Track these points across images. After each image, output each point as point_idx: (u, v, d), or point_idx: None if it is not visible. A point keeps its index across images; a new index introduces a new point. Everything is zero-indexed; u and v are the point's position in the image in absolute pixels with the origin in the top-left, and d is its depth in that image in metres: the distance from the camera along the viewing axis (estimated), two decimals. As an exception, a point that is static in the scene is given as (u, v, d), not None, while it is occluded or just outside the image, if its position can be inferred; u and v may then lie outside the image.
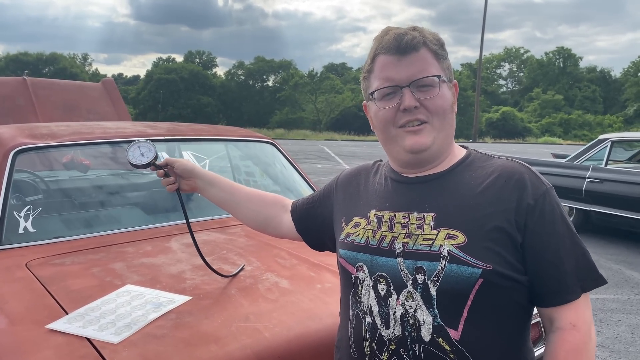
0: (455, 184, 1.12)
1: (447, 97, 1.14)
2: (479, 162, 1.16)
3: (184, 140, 2.97)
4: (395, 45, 1.10)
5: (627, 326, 4.18)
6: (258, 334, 1.48)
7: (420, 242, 1.07)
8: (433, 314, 1.03)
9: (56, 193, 2.88)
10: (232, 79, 67.46)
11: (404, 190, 1.17)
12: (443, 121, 1.13)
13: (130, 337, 1.42)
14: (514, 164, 1.12)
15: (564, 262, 1.05)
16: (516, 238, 1.04)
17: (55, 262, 1.98)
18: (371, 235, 1.14)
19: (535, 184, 1.08)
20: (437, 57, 1.13)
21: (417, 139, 1.11)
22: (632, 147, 8.17)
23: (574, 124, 52.56)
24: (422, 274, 1.04)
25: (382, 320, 1.09)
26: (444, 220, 1.07)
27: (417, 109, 1.10)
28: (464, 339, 1.02)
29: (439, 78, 1.11)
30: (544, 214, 1.05)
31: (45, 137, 2.53)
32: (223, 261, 2.01)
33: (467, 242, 1.03)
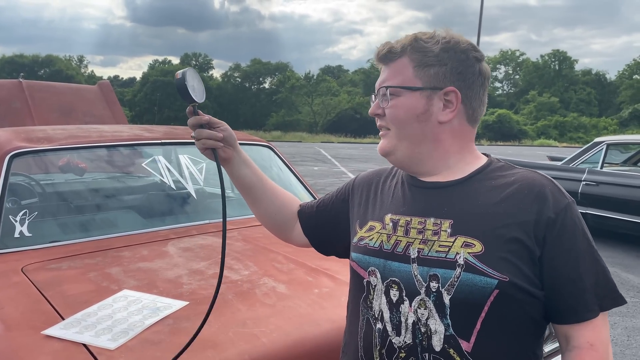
0: (474, 192, 1.10)
1: (406, 107, 1.12)
2: (500, 172, 1.13)
3: (180, 144, 2.96)
4: (377, 55, 1.18)
5: (623, 329, 4.19)
6: (255, 340, 1.47)
7: (436, 249, 1.04)
8: (445, 323, 1.01)
9: (52, 197, 2.87)
10: (228, 81, 67.44)
11: (421, 195, 1.15)
12: (402, 130, 1.14)
13: (127, 342, 1.42)
14: (535, 176, 1.09)
15: (583, 279, 1.02)
16: (534, 251, 1.01)
17: (52, 266, 1.98)
18: (385, 239, 1.13)
19: (557, 197, 1.04)
20: (417, 65, 1.11)
21: (381, 143, 1.19)
22: (628, 149, 8.20)
23: (569, 127, 52.76)
24: (436, 281, 1.02)
25: (394, 327, 1.07)
26: (461, 227, 1.05)
27: (379, 116, 1.17)
28: (475, 351, 0.99)
29: (387, 89, 1.14)
30: (564, 229, 1.02)
31: (42, 140, 2.53)
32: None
33: (484, 252, 1.00)
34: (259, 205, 1.46)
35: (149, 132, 2.95)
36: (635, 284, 5.37)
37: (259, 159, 3.45)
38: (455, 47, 1.11)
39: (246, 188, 1.43)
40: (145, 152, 2.90)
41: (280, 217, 1.46)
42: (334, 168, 17.24)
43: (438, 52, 1.11)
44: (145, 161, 2.83)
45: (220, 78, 69.03)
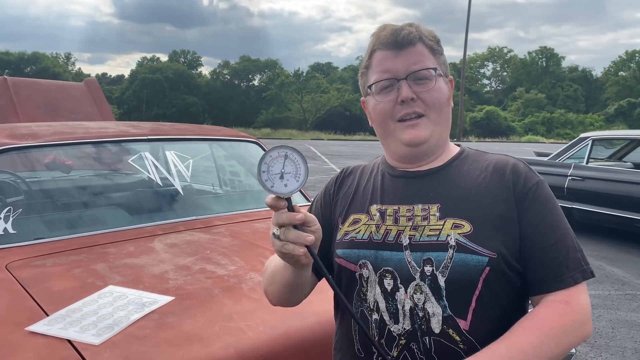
0: (455, 175, 1.14)
1: (444, 90, 1.15)
2: (474, 157, 1.19)
3: (167, 140, 2.95)
4: (392, 40, 1.12)
5: (607, 321, 4.24)
6: (241, 334, 1.48)
7: (427, 234, 1.06)
8: (442, 305, 1.03)
9: (38, 194, 2.85)
10: (217, 78, 67.17)
11: (405, 184, 1.17)
12: (440, 114, 1.14)
13: (112, 338, 1.41)
14: (507, 157, 1.16)
15: (560, 250, 1.05)
16: (515, 225, 1.05)
17: (36, 263, 1.96)
18: (374, 230, 1.13)
19: (529, 175, 1.11)
20: (433, 52, 1.14)
21: (415, 132, 1.12)
22: (613, 145, 8.30)
23: (556, 123, 53.24)
24: (430, 265, 1.04)
25: (391, 315, 1.07)
26: (449, 210, 1.08)
27: (414, 101, 1.11)
28: (472, 329, 1.02)
29: (435, 71, 1.12)
30: (536, 202, 1.07)
31: (26, 137, 2.51)
32: (207, 261, 2.01)
33: (473, 231, 1.04)
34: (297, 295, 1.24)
35: (135, 129, 2.93)
36: (620, 277, 5.45)
37: (247, 155, 3.46)
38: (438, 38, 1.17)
39: (300, 284, 1.18)
40: (132, 149, 2.89)
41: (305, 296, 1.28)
42: (324, 165, 17.25)
43: (439, 43, 1.17)
44: (132, 158, 2.81)
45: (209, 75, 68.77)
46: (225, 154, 3.55)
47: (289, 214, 0.93)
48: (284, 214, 0.94)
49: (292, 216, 0.93)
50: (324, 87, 60.86)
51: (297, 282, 1.14)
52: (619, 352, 3.67)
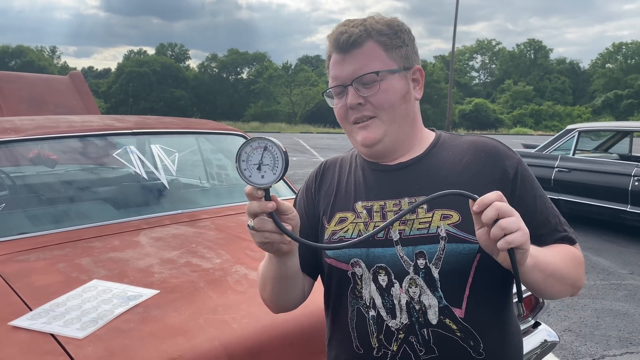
0: (436, 164, 1.14)
1: (394, 89, 1.12)
2: (451, 142, 1.19)
3: (152, 134, 2.93)
4: (336, 44, 1.12)
5: (592, 311, 4.30)
6: (226, 326, 1.48)
7: (417, 227, 1.07)
8: (438, 296, 1.05)
9: (22, 189, 2.82)
10: (205, 71, 66.70)
11: (388, 178, 1.16)
12: (392, 113, 1.12)
13: (96, 331, 1.41)
14: (484, 139, 1.17)
15: (550, 221, 1.12)
16: None
17: (20, 258, 1.95)
18: (363, 228, 1.13)
19: (510, 154, 1.13)
20: (386, 48, 1.11)
21: (366, 134, 1.12)
22: (599, 136, 8.38)
23: (544, 115, 53.62)
24: (423, 258, 1.05)
25: (388, 311, 1.08)
26: (435, 201, 1.07)
27: (362, 105, 1.11)
28: (468, 316, 1.05)
29: (378, 74, 1.09)
30: (524, 180, 1.11)
31: (8, 131, 2.48)
32: (192, 255, 2.00)
33: (461, 220, 1.05)
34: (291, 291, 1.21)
35: (120, 122, 2.91)
36: (605, 267, 5.52)
37: (234, 148, 3.44)
38: (404, 27, 1.16)
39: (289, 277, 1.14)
40: (117, 143, 2.87)
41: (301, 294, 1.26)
42: (313, 158, 17.24)
43: (398, 33, 1.13)
44: (117, 152, 2.79)
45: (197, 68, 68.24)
46: (212, 148, 3.53)
47: (261, 202, 0.93)
48: (255, 202, 0.93)
49: (263, 204, 0.92)
50: (313, 80, 60.71)
51: (284, 274, 1.11)
52: (603, 340, 3.72)
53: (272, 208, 0.93)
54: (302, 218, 1.22)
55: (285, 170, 0.92)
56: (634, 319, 4.12)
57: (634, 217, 6.32)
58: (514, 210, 0.91)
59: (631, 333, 3.86)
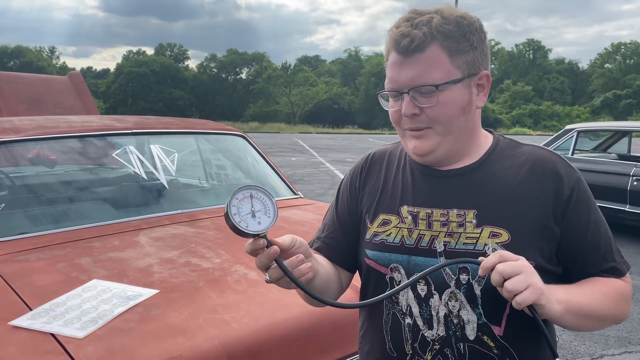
0: (490, 177, 1.08)
1: (454, 101, 1.04)
2: (509, 151, 1.13)
3: (152, 134, 2.93)
4: (397, 45, 1.03)
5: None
6: (226, 325, 1.49)
7: (463, 241, 1.03)
8: (477, 312, 1.02)
9: (22, 189, 2.83)
10: (204, 72, 66.71)
11: (438, 185, 1.11)
12: (448, 126, 1.05)
13: (96, 331, 1.41)
14: (544, 153, 1.10)
15: (600, 248, 1.06)
16: (555, 230, 1.03)
17: (20, 258, 1.95)
18: (407, 234, 1.09)
19: (569, 173, 1.07)
20: (451, 54, 1.02)
21: (417, 143, 1.07)
22: (597, 136, 8.39)
23: (543, 115, 53.69)
24: (467, 274, 1.02)
25: (425, 321, 1.06)
26: (486, 217, 1.04)
27: (417, 115, 1.05)
28: (507, 334, 1.02)
29: (437, 87, 1.02)
30: (579, 202, 1.05)
31: (8, 131, 2.48)
32: (192, 254, 2.01)
33: (511, 240, 1.01)
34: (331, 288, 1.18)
35: (119, 122, 2.91)
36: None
37: (233, 149, 3.45)
38: (474, 26, 1.05)
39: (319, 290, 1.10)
40: (117, 143, 2.87)
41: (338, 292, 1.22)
42: (312, 158, 17.25)
43: (467, 35, 1.04)
44: (117, 152, 2.80)
45: (196, 69, 68.28)
46: (212, 148, 3.54)
47: (266, 252, 0.91)
48: (262, 256, 0.91)
49: (270, 253, 0.91)
50: (312, 81, 60.77)
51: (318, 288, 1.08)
52: (602, 340, 3.73)
53: (275, 252, 0.91)
54: (343, 213, 1.22)
55: (276, 211, 0.92)
56: (633, 319, 4.13)
57: (632, 217, 6.33)
58: (520, 266, 0.89)
59: (630, 332, 3.87)
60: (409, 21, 1.03)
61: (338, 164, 15.44)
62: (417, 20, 1.03)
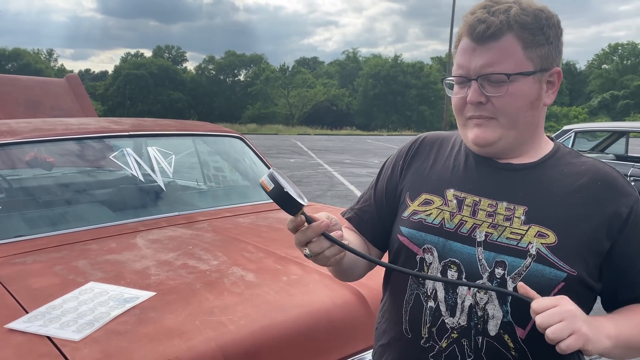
0: (547, 177, 1.06)
1: (523, 94, 1.02)
2: (569, 158, 1.10)
3: (150, 136, 2.93)
4: (472, 31, 1.01)
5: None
6: (223, 327, 1.48)
7: (507, 235, 1.01)
8: (505, 310, 0.99)
9: (18, 191, 2.82)
10: (202, 73, 66.63)
11: (491, 175, 1.08)
12: (514, 120, 1.03)
13: (92, 334, 1.41)
14: (605, 167, 1.08)
15: None
16: (604, 245, 1.00)
17: (16, 261, 1.95)
18: (448, 217, 1.06)
19: (629, 191, 1.04)
20: (526, 45, 1.00)
21: (479, 133, 1.05)
22: (595, 137, 8.40)
23: (541, 116, 53.64)
24: (503, 268, 0.99)
25: (448, 307, 1.03)
26: (535, 215, 1.01)
27: (482, 104, 1.03)
28: (528, 339, 0.99)
29: (509, 77, 1.00)
30: (637, 223, 1.02)
31: (5, 134, 2.48)
32: (189, 256, 2.00)
33: (557, 243, 0.98)
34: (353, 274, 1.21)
35: (116, 125, 2.91)
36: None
37: (231, 150, 3.45)
38: (553, 20, 1.04)
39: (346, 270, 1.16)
40: (114, 145, 2.87)
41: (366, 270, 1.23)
42: (310, 160, 17.24)
43: (544, 29, 1.02)
44: (114, 154, 2.79)
45: (194, 70, 68.19)
46: (209, 150, 3.54)
47: (313, 226, 0.92)
48: (308, 230, 0.92)
49: (316, 226, 0.92)
50: (310, 82, 60.73)
51: (341, 270, 1.13)
52: (600, 340, 3.73)
53: (325, 227, 0.92)
54: (381, 190, 1.22)
55: None
56: None
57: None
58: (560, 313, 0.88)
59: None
60: (486, 8, 1.02)
61: (336, 165, 15.43)
62: (494, 8, 1.01)
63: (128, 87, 54.58)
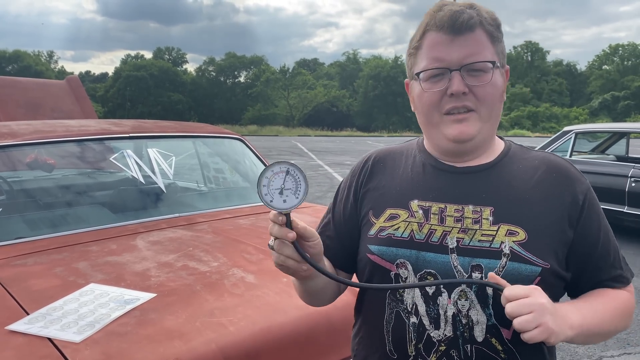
0: (507, 175, 1.07)
1: (499, 84, 1.05)
2: (521, 154, 1.12)
3: (150, 138, 2.93)
4: (450, 24, 1.00)
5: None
6: (223, 329, 1.49)
7: (478, 238, 1.00)
8: (488, 313, 0.99)
9: (19, 193, 2.82)
10: (202, 75, 66.75)
11: (453, 180, 1.08)
12: (491, 111, 1.05)
13: (93, 335, 1.41)
14: (556, 158, 1.10)
15: (610, 254, 1.07)
16: (568, 234, 1.02)
17: (17, 263, 1.95)
18: (417, 228, 1.04)
19: (581, 179, 1.07)
20: (493, 40, 1.04)
21: (462, 128, 1.03)
22: (596, 138, 8.40)
23: (542, 117, 53.73)
24: (480, 272, 0.98)
25: (431, 320, 1.01)
26: (502, 215, 1.01)
27: (465, 95, 1.02)
28: (514, 338, 0.98)
29: (494, 64, 1.02)
30: (592, 209, 1.05)
31: (5, 136, 2.48)
32: (189, 258, 2.01)
33: (527, 239, 0.99)
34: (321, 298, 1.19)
35: (117, 126, 2.92)
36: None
37: (231, 152, 3.45)
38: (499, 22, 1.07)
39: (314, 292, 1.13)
40: (114, 147, 2.87)
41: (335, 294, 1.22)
42: (311, 161, 17.25)
43: (500, 27, 1.05)
44: (114, 156, 2.80)
45: (195, 72, 68.29)
46: (209, 151, 3.54)
47: (282, 228, 0.91)
48: (277, 226, 0.92)
49: (284, 232, 0.91)
50: (310, 84, 60.81)
51: (308, 290, 1.10)
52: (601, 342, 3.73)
53: (292, 239, 0.91)
54: (339, 215, 1.19)
55: (306, 193, 0.91)
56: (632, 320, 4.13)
57: (631, 219, 6.33)
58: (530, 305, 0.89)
59: (629, 334, 3.86)
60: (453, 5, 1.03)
61: (336, 166, 15.44)
62: (461, 5, 1.02)
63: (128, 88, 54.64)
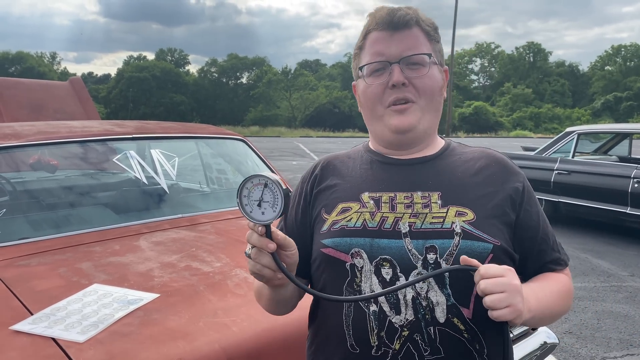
0: (450, 165, 1.14)
1: (437, 78, 1.13)
2: (460, 149, 1.20)
3: (153, 139, 2.94)
4: (388, 21, 1.09)
5: (593, 313, 4.30)
6: (226, 329, 1.49)
7: (429, 221, 1.04)
8: (446, 293, 1.01)
9: (22, 194, 2.83)
10: (205, 76, 66.78)
11: (400, 172, 1.14)
12: (430, 102, 1.12)
13: (97, 335, 1.42)
14: (492, 151, 1.20)
15: (549, 238, 1.15)
16: (511, 216, 1.09)
17: (21, 263, 1.96)
18: (369, 217, 1.07)
19: (518, 170, 1.17)
20: (429, 38, 1.12)
21: (402, 118, 1.10)
22: (598, 139, 8.39)
23: (544, 118, 53.68)
24: (434, 252, 1.01)
25: (391, 306, 1.02)
26: (450, 197, 1.07)
27: (405, 86, 1.09)
28: (475, 317, 1.01)
29: (430, 57, 1.11)
30: (530, 195, 1.14)
31: (9, 137, 2.49)
32: (192, 258, 2.01)
33: (476, 219, 1.04)
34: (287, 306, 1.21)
35: (120, 127, 2.92)
36: (605, 269, 5.52)
37: (233, 153, 3.46)
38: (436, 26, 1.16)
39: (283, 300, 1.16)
40: (117, 148, 2.88)
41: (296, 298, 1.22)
42: (312, 162, 17.27)
43: (437, 30, 1.15)
44: (117, 157, 2.81)
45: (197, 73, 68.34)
46: (212, 152, 3.55)
47: (261, 238, 0.94)
48: (255, 235, 0.94)
49: (263, 241, 0.94)
50: (312, 85, 60.81)
51: (278, 298, 1.13)
52: (604, 342, 3.72)
53: (272, 249, 0.94)
54: (291, 221, 1.20)
55: (284, 208, 0.92)
56: (635, 321, 4.12)
57: (633, 219, 6.33)
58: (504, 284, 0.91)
59: (632, 335, 3.86)
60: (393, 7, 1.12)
61: (339, 167, 15.43)
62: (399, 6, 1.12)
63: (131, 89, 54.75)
